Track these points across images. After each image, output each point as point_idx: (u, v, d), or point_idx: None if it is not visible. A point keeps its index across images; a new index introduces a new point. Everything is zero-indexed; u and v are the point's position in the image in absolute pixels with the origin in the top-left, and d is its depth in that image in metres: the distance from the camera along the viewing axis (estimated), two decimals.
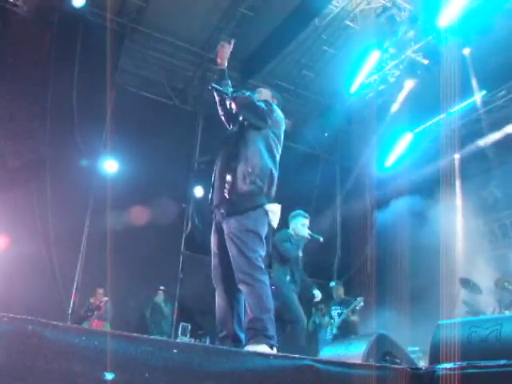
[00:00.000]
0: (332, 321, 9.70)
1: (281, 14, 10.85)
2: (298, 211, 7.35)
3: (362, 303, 9.50)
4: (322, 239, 7.27)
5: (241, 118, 4.16)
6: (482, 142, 11.11)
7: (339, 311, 9.69)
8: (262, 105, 4.08)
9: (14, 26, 10.28)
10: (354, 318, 9.71)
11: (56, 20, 10.44)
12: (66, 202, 10.13)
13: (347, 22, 11.00)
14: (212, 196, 4.05)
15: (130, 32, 11.70)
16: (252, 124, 4.05)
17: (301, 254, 7.20)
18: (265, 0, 10.78)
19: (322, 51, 11.94)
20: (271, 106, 4.16)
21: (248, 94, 4.16)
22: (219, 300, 3.93)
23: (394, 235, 9.89)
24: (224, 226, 3.85)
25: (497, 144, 10.88)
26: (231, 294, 3.87)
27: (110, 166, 11.35)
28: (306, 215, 7.27)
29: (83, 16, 10.55)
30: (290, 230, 7.17)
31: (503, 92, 11.39)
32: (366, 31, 10.66)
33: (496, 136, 10.78)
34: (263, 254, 3.80)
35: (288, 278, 7.00)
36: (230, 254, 3.78)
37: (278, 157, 4.09)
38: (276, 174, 4.01)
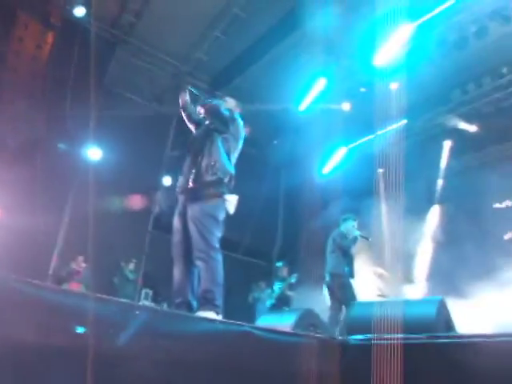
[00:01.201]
0: (273, 294, 9.84)
1: (249, 39, 11.02)
2: (349, 215, 7.60)
3: (293, 279, 9.76)
4: (370, 239, 7.60)
5: (207, 122, 4.19)
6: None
7: (280, 286, 9.86)
8: (227, 113, 4.13)
9: (20, 27, 10.00)
10: (290, 293, 9.84)
11: (59, 25, 10.26)
12: (53, 180, 9.99)
13: (299, 51, 11.06)
14: (179, 184, 4.06)
15: (121, 42, 11.57)
16: (216, 128, 4.08)
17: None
18: (237, 25, 10.79)
19: (277, 75, 11.99)
20: (233, 115, 4.21)
21: (215, 102, 4.21)
22: (177, 272, 3.93)
23: (330, 231, 9.95)
24: (188, 210, 3.86)
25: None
26: (188, 267, 3.88)
27: (95, 153, 11.24)
28: (355, 218, 7.53)
29: (82, 24, 10.35)
30: (343, 230, 7.39)
31: (421, 122, 11.80)
32: (315, 60, 10.77)
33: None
34: (219, 235, 3.84)
35: (347, 269, 7.19)
36: (191, 234, 3.78)
37: (234, 158, 4.13)
38: (233, 170, 4.05)
